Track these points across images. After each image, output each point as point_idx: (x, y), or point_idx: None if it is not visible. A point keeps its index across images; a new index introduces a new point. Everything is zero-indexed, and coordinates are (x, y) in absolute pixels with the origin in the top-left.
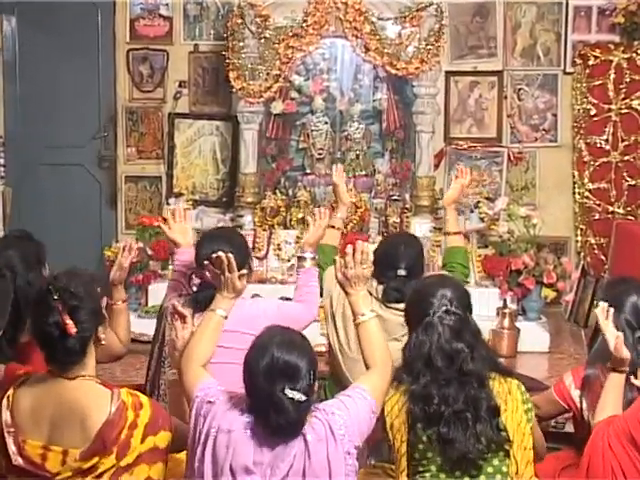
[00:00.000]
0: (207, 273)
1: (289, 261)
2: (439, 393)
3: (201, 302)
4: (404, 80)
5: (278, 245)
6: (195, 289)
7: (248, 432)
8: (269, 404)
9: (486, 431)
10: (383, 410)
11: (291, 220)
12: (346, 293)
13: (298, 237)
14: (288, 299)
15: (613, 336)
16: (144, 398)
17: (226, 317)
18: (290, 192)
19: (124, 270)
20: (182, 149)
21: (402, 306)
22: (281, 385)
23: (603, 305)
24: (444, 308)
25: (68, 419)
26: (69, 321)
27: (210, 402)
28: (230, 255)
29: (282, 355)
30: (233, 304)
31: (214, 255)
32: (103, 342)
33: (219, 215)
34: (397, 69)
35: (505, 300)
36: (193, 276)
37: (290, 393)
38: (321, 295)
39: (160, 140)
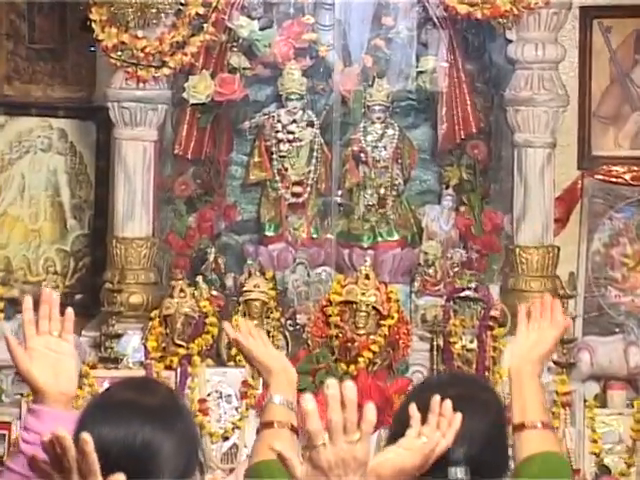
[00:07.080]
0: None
1: (226, 439)
2: None
3: None
4: (487, 29)
5: (202, 401)
6: None
7: None
8: None
9: None
10: None
11: (230, 344)
12: None
13: (247, 383)
14: None
15: None
16: None
17: None
18: (229, 281)
19: None
20: None
21: None
22: None
23: None
24: None
25: None
26: None
27: None
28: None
29: None
30: None
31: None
32: None
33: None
34: (471, 5)
35: None
36: None
37: None
38: None
39: None
